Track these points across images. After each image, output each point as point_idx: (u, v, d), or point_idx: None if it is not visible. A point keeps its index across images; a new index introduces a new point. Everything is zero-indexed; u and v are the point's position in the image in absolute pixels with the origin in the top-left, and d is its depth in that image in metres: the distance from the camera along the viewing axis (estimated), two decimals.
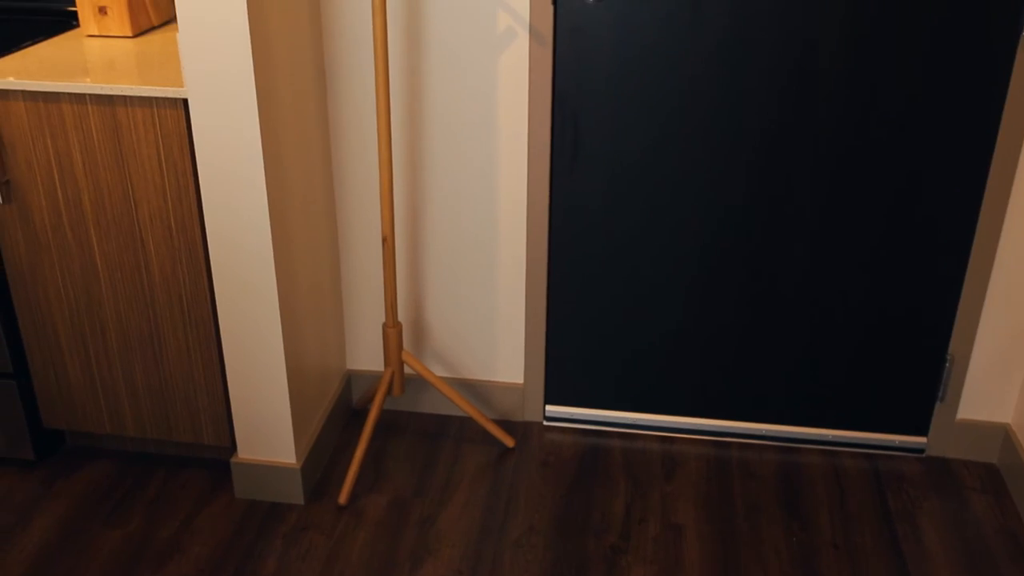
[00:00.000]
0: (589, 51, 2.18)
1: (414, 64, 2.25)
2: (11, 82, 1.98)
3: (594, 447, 2.50)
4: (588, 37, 2.16)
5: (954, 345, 2.34)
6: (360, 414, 2.63)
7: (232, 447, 2.31)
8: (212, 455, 2.42)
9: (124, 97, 1.96)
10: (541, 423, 2.60)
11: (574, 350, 2.51)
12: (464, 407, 2.46)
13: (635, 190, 2.30)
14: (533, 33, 2.17)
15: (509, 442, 2.49)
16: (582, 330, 2.48)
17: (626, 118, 2.23)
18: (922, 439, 2.47)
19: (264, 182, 1.96)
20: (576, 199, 2.33)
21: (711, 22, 2.11)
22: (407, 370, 2.57)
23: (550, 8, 2.15)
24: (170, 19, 2.41)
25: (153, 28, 2.35)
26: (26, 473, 2.38)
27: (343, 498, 2.28)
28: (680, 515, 2.26)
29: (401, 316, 2.53)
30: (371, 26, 2.17)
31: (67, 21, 2.38)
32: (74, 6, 2.30)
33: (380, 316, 2.53)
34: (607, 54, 2.17)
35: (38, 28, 2.33)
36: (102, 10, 2.24)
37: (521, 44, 2.19)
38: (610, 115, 2.23)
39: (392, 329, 2.32)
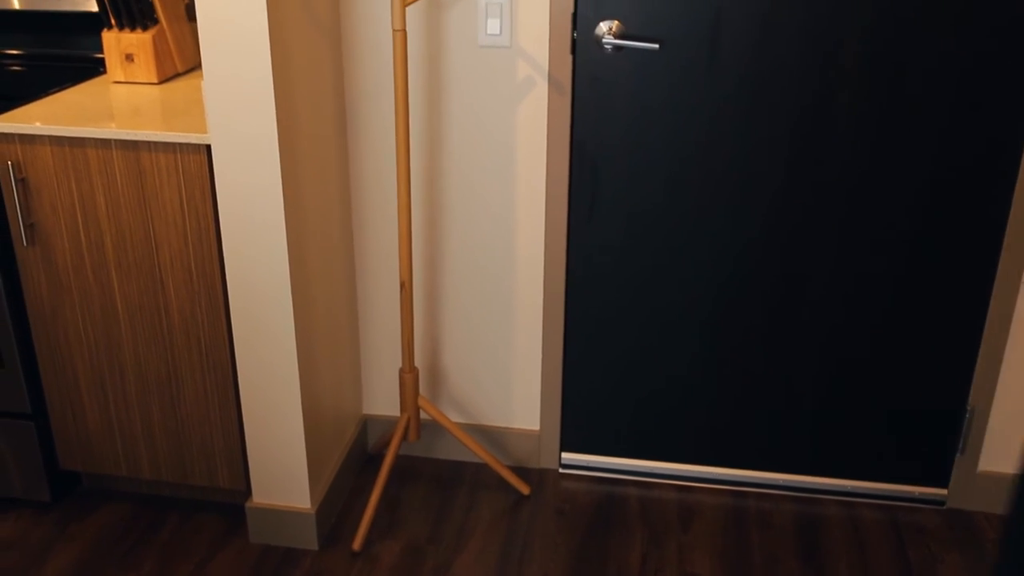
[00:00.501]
0: (607, 100, 2.20)
1: (434, 111, 2.27)
2: (38, 127, 2.01)
3: (610, 495, 2.49)
4: (606, 86, 2.19)
5: (974, 396, 2.32)
6: (376, 459, 2.62)
7: (247, 491, 2.30)
8: (227, 499, 2.42)
9: (148, 143, 1.99)
10: (557, 470, 2.59)
11: (591, 397, 2.50)
12: (480, 453, 2.45)
13: (653, 238, 2.30)
14: (552, 82, 2.20)
15: (524, 489, 2.48)
16: (599, 377, 2.47)
17: (644, 166, 2.24)
18: (943, 491, 2.44)
19: (284, 227, 1.97)
20: (594, 246, 2.34)
21: (727, 71, 2.13)
22: (423, 415, 2.57)
23: (569, 58, 2.17)
24: (195, 66, 2.45)
25: (178, 75, 2.39)
26: (41, 515, 2.38)
27: (357, 544, 2.27)
28: (696, 566, 2.23)
29: (418, 361, 2.53)
30: (392, 74, 2.20)
31: (95, 68, 2.43)
32: (102, 53, 2.34)
33: (397, 361, 2.54)
34: (625, 103, 2.19)
35: (66, 75, 2.38)
36: (129, 57, 2.29)
37: (540, 93, 2.22)
38: (628, 163, 2.24)
39: (409, 374, 2.32)
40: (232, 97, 1.89)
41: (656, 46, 2.11)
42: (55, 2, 2.44)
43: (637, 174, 2.25)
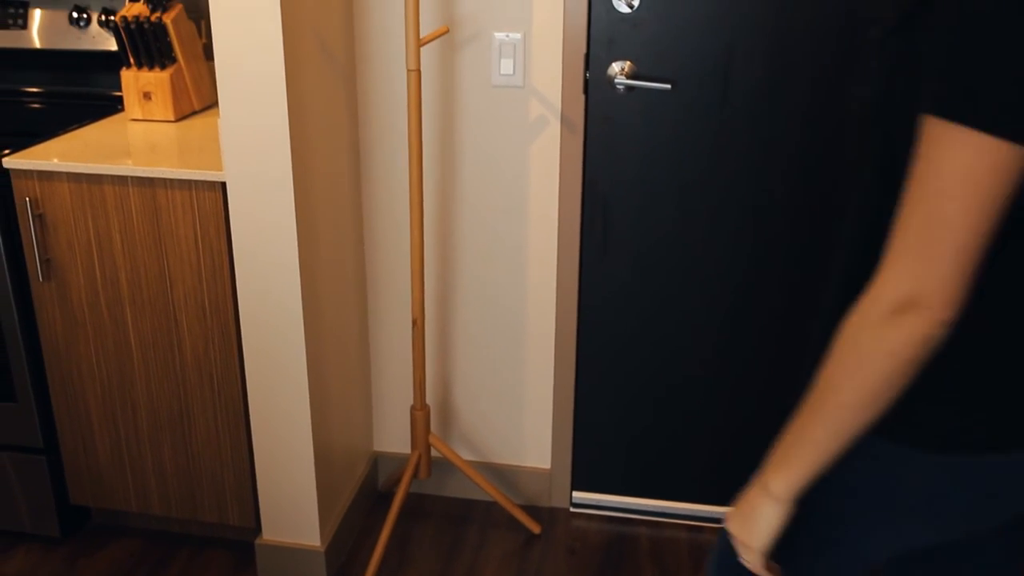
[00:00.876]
0: (619, 139, 2.21)
1: (447, 149, 2.29)
2: (56, 164, 2.04)
3: (621, 535, 2.47)
4: (618, 125, 2.20)
5: None
6: (386, 496, 2.61)
7: (257, 528, 2.30)
8: (236, 536, 2.41)
9: (164, 180, 2.00)
10: (568, 509, 2.57)
11: (602, 436, 2.49)
12: (490, 491, 2.44)
13: (665, 276, 2.31)
14: (564, 121, 2.21)
15: (535, 528, 2.46)
16: (610, 416, 2.46)
17: (655, 203, 2.25)
18: None
19: (297, 265, 1.98)
20: (605, 285, 2.34)
21: (738, 111, 2.14)
22: (434, 453, 2.56)
23: (582, 97, 2.19)
24: (212, 103, 2.48)
25: (195, 113, 2.42)
26: (50, 550, 2.37)
27: None
28: None
29: (429, 399, 2.53)
30: (406, 114, 2.22)
31: (113, 105, 2.46)
32: (120, 91, 2.37)
33: (408, 398, 2.54)
34: (637, 142, 2.21)
35: (85, 112, 2.41)
36: (147, 95, 2.31)
37: (553, 132, 2.23)
38: (640, 201, 2.25)
39: (420, 412, 2.32)
40: (248, 135, 1.91)
41: (668, 86, 2.13)
42: (75, 41, 2.48)
43: (648, 211, 2.26)
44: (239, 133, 1.91)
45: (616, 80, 2.15)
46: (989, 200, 0.86)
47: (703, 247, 2.27)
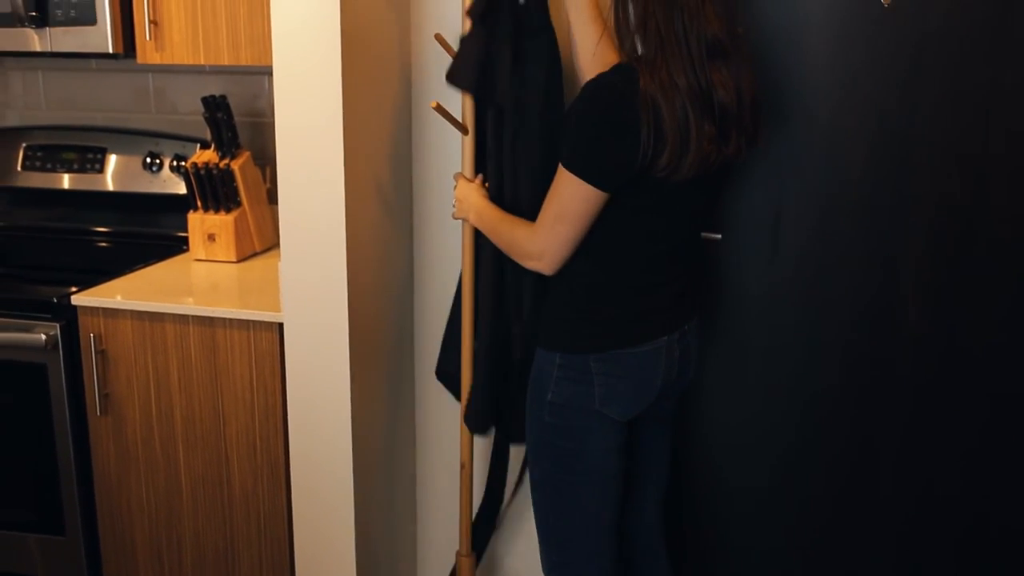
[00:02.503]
0: None
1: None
2: (120, 302, 2.11)
3: None
4: None
5: None
6: None
7: None
8: None
9: (224, 319, 2.06)
10: None
11: None
12: None
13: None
14: None
15: None
16: None
17: (702, 357, 2.25)
18: None
19: (349, 408, 2.01)
20: None
21: (787, 262, 2.16)
22: None
23: None
24: (272, 245, 2.55)
25: (256, 254, 2.49)
26: None
27: None
28: None
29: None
30: (460, 260, 2.26)
31: (178, 246, 2.55)
32: (185, 232, 2.46)
33: (454, 543, 2.50)
34: None
35: (151, 251, 2.50)
36: (211, 237, 2.40)
37: None
38: None
39: (466, 559, 2.28)
40: (307, 279, 1.96)
41: (718, 236, 2.16)
42: (147, 184, 2.59)
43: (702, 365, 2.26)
44: (298, 277, 1.97)
45: None
46: (582, 211, 1.64)
47: (754, 396, 2.25)
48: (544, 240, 1.69)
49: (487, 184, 1.96)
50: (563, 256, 1.70)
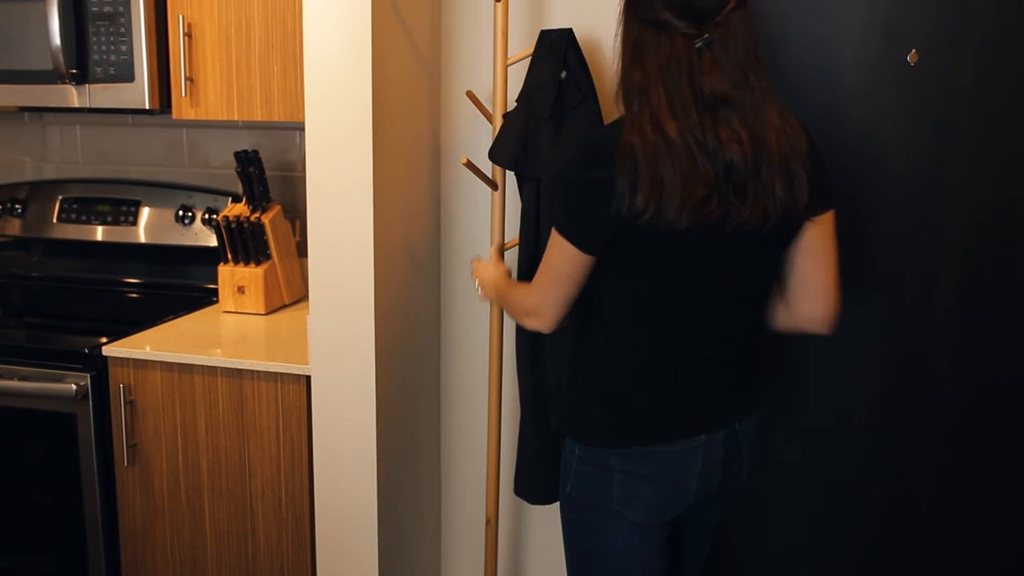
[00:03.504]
0: None
1: None
2: (149, 352, 2.13)
3: None
4: None
5: None
6: None
7: None
8: None
9: (252, 371, 2.07)
10: None
11: None
12: None
13: None
14: None
15: None
16: None
17: None
18: None
19: (375, 461, 2.01)
20: None
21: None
22: None
23: None
24: (301, 298, 2.57)
25: (284, 306, 2.51)
26: None
27: None
28: None
29: None
30: (488, 321, 2.28)
31: (208, 297, 2.57)
32: (215, 284, 2.49)
33: None
34: None
35: (181, 303, 2.52)
36: (240, 289, 2.42)
37: None
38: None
39: None
40: (335, 333, 1.98)
41: None
42: (178, 237, 2.63)
43: None
44: (326, 331, 1.98)
45: None
46: (569, 272, 1.56)
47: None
48: (537, 298, 1.60)
49: (519, 244, 1.96)
50: (558, 315, 1.59)
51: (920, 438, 2.15)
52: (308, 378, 2.04)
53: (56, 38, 2.25)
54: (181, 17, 2.24)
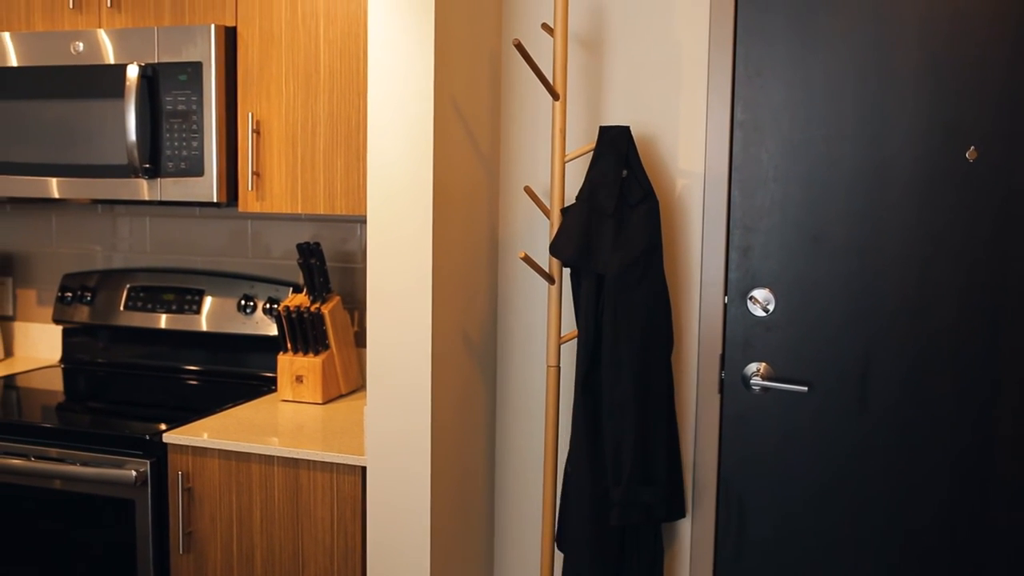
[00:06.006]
0: (754, 440, 2.20)
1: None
2: (207, 440, 2.15)
3: None
4: (754, 426, 2.19)
5: None
6: None
7: None
8: None
9: (308, 461, 2.09)
10: None
11: None
12: None
13: None
14: (699, 421, 2.22)
15: None
16: None
17: (793, 507, 2.19)
18: None
19: (429, 554, 1.99)
20: None
21: (877, 415, 2.11)
22: None
23: (717, 397, 2.21)
24: (358, 387, 2.60)
25: (342, 396, 2.54)
26: None
27: None
28: None
29: None
30: (543, 405, 2.27)
31: (267, 385, 2.61)
32: (274, 372, 2.52)
33: None
34: (772, 443, 2.19)
35: (240, 391, 2.56)
36: (299, 379, 2.46)
37: (687, 438, 2.24)
38: (777, 503, 2.20)
39: None
40: (391, 426, 1.99)
41: (804, 388, 2.13)
42: (240, 326, 2.68)
43: (785, 514, 2.19)
44: (383, 422, 2.00)
45: (752, 381, 2.17)
46: None
47: (841, 552, 2.17)
48: None
49: (578, 337, 1.98)
50: None
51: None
52: (364, 469, 2.05)
53: (132, 134, 2.34)
54: (251, 115, 2.33)
